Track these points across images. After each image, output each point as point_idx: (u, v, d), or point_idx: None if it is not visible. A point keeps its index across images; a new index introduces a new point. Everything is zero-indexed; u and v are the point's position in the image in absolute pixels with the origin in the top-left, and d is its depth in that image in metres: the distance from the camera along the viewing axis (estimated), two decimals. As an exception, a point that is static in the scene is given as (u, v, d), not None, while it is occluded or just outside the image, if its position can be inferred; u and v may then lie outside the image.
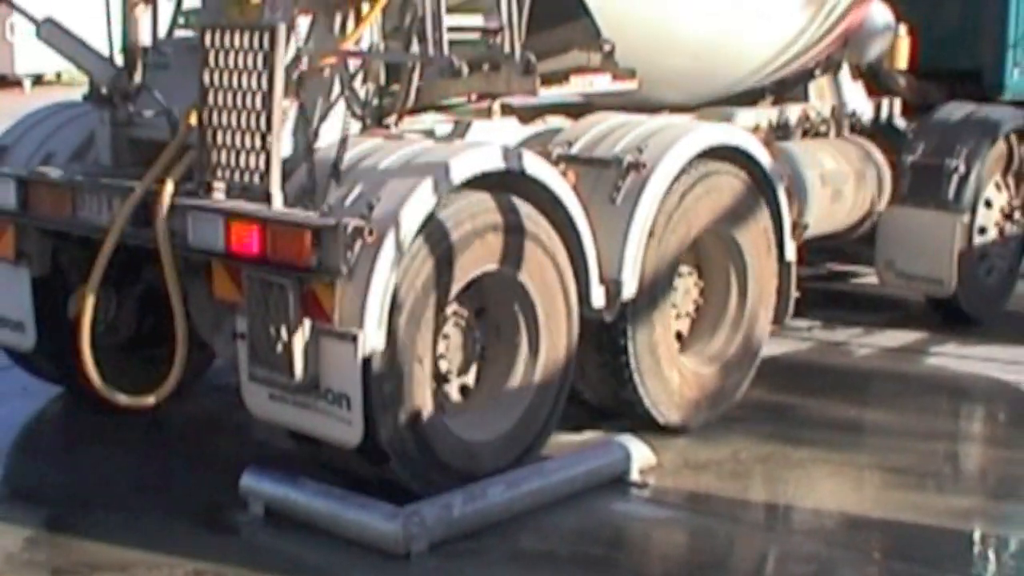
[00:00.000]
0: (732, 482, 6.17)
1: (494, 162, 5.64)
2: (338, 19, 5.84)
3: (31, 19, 6.21)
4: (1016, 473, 6.51)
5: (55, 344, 6.46)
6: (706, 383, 6.83)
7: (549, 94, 5.97)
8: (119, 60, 6.22)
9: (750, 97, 8.23)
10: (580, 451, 6.17)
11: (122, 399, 5.79)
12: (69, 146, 6.53)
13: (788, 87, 8.57)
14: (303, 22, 5.71)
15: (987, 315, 9.12)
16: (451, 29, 5.59)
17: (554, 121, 6.72)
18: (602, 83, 6.27)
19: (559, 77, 5.99)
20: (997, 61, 9.39)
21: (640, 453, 6.07)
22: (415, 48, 5.79)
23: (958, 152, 8.70)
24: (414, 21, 5.74)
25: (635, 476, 6.01)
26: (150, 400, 5.77)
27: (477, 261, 5.61)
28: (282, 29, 5.28)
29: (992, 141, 8.85)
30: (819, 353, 8.53)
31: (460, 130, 6.27)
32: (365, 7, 5.75)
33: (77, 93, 6.60)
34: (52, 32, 6.16)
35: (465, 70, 5.52)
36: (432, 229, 5.38)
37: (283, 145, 5.46)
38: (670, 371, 6.57)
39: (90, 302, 5.67)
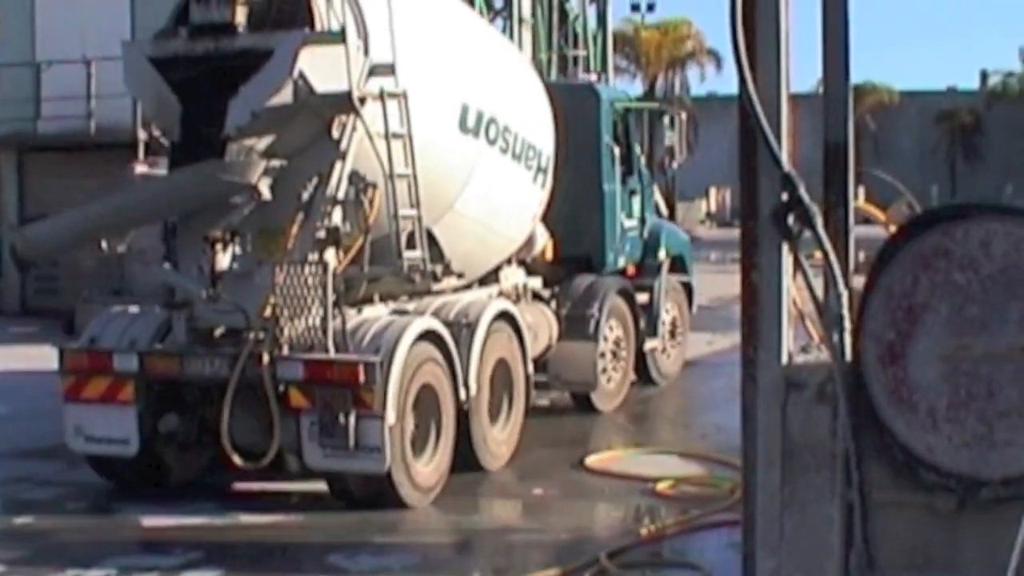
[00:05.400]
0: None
1: (429, 324, 10.85)
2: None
3: (147, 264, 10.82)
4: None
5: (149, 449, 10.96)
6: (503, 444, 12.16)
7: (435, 288, 11.23)
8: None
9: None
10: None
11: (247, 464, 10.43)
12: (147, 334, 11.02)
13: (486, 275, 14.09)
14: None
15: (609, 408, 14.91)
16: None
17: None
18: (453, 281, 11.55)
19: (437, 279, 11.20)
20: (600, 249, 15.37)
21: None
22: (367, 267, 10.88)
23: (592, 305, 14.53)
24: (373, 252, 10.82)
25: None
26: (264, 463, 10.42)
27: (422, 377, 10.73)
28: (331, 265, 10.25)
29: (608, 297, 14.73)
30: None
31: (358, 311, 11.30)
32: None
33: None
34: (162, 271, 10.82)
35: (418, 279, 10.70)
36: (406, 360, 10.45)
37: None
38: (490, 432, 11.90)
39: (226, 414, 10.29)
